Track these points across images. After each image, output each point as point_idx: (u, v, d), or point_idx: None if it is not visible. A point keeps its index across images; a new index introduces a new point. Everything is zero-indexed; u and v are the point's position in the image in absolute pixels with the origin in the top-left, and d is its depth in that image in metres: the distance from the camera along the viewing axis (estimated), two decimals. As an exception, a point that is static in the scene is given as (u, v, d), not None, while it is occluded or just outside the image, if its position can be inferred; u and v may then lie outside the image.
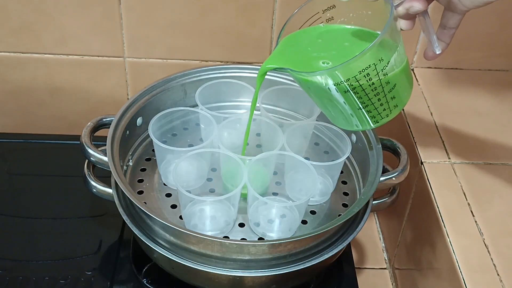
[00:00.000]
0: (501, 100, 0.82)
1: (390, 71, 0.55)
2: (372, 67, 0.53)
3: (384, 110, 0.58)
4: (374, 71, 0.53)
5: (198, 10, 0.82)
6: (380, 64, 0.53)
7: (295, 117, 0.79)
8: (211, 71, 0.77)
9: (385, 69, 0.54)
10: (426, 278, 0.69)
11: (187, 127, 0.76)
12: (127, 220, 0.62)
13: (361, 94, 0.55)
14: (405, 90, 0.58)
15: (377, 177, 0.64)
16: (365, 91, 0.55)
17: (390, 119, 0.59)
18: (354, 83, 0.54)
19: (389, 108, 0.58)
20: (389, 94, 0.56)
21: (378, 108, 0.57)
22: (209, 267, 0.59)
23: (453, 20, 0.59)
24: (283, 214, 0.67)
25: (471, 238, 0.62)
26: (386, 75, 0.54)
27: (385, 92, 0.56)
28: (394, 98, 0.57)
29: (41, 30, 0.83)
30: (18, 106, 0.91)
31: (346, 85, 0.54)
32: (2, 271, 0.68)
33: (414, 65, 0.88)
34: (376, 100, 0.56)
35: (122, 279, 0.69)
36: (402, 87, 0.57)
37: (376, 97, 0.56)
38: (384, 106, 0.57)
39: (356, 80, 0.53)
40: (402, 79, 0.57)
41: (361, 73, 0.53)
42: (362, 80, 0.54)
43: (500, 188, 0.68)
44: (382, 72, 0.54)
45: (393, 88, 0.56)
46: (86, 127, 0.68)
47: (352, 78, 0.53)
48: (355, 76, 0.53)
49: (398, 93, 0.57)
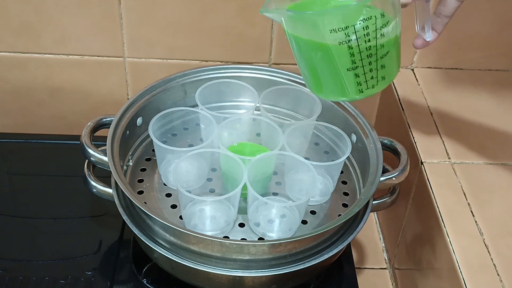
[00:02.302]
0: (501, 100, 0.82)
1: (387, 34, 0.55)
2: (372, 20, 0.53)
3: (372, 78, 0.57)
4: (374, 25, 0.53)
5: (198, 10, 0.82)
6: (380, 20, 0.53)
7: (295, 117, 0.79)
8: (211, 71, 0.77)
9: (383, 28, 0.54)
10: (426, 278, 0.69)
11: (187, 127, 0.76)
12: (127, 220, 0.62)
13: (355, 50, 0.55)
14: (395, 63, 0.59)
15: (377, 177, 0.64)
16: (359, 47, 0.54)
17: (375, 92, 0.58)
18: (352, 33, 0.53)
19: (376, 78, 0.57)
20: (380, 61, 0.56)
21: (366, 74, 0.57)
22: (209, 267, 0.59)
23: (449, 7, 0.59)
24: (283, 214, 0.67)
25: (471, 238, 0.62)
26: (383, 36, 0.55)
27: (377, 56, 0.56)
28: (383, 68, 0.57)
29: (41, 30, 0.83)
30: (18, 106, 0.91)
31: (342, 34, 0.53)
32: (2, 271, 0.68)
33: (414, 65, 0.88)
34: (367, 63, 0.56)
35: (122, 279, 0.69)
36: (393, 59, 0.58)
37: (368, 59, 0.56)
38: (373, 73, 0.57)
39: (355, 30, 0.53)
40: (395, 50, 0.58)
41: (361, 24, 0.53)
42: (360, 33, 0.53)
43: (500, 188, 0.68)
44: (380, 31, 0.54)
45: (386, 55, 0.56)
46: (86, 127, 0.68)
47: (351, 27, 0.53)
48: (354, 25, 0.53)
49: (389, 63, 0.57)
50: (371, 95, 0.58)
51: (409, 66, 0.88)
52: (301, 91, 0.76)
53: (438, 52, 0.87)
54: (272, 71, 0.78)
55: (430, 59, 0.88)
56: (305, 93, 0.76)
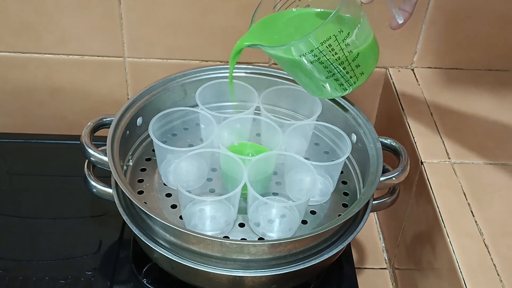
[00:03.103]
0: (501, 100, 0.82)
1: (353, 42, 0.61)
2: (332, 38, 0.59)
3: (351, 77, 0.64)
4: (335, 41, 0.60)
5: (198, 10, 0.82)
6: (340, 35, 0.60)
7: (295, 117, 0.79)
8: (211, 71, 0.77)
9: (346, 39, 0.60)
10: (426, 278, 0.69)
11: (187, 127, 0.76)
12: (127, 220, 0.62)
13: (326, 64, 0.62)
14: (369, 58, 0.64)
15: (377, 177, 0.64)
16: (329, 60, 0.61)
17: (358, 85, 0.65)
18: (318, 53, 0.60)
19: (355, 76, 0.64)
20: (353, 63, 0.62)
21: (344, 76, 0.64)
22: (209, 267, 0.59)
23: None
24: (283, 214, 0.67)
25: (471, 238, 0.62)
26: (348, 45, 0.61)
27: (349, 61, 0.62)
28: (359, 67, 0.63)
29: (41, 30, 0.83)
30: (18, 106, 0.91)
31: (311, 56, 0.61)
32: (2, 271, 0.68)
33: (414, 65, 0.88)
34: (342, 69, 0.63)
35: (122, 279, 0.69)
36: (366, 56, 0.63)
37: (341, 66, 0.62)
38: (350, 74, 0.64)
39: (320, 51, 0.60)
40: (367, 48, 0.63)
41: (323, 44, 0.60)
42: (326, 51, 0.60)
43: (500, 188, 0.68)
44: (343, 43, 0.60)
45: (357, 57, 0.62)
46: (86, 127, 0.68)
47: (315, 49, 0.60)
48: (318, 47, 0.60)
49: (363, 61, 0.63)
50: (357, 88, 0.66)
51: (409, 66, 0.88)
52: (301, 91, 0.76)
53: (438, 52, 0.87)
54: (272, 71, 0.78)
55: (430, 59, 0.88)
56: (305, 93, 0.75)
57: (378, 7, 0.64)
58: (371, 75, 0.66)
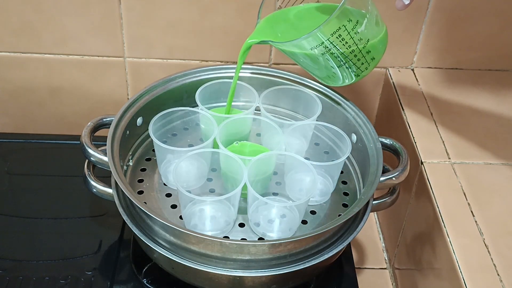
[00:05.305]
0: (501, 100, 0.82)
1: (362, 32, 0.61)
2: (342, 29, 0.60)
3: (362, 64, 0.65)
4: (345, 31, 0.60)
5: (198, 10, 0.82)
6: (350, 24, 0.60)
7: (295, 117, 0.79)
8: (211, 71, 0.77)
9: (356, 28, 0.61)
10: (426, 278, 0.69)
11: (187, 127, 0.76)
12: (127, 220, 0.62)
13: (337, 54, 0.62)
14: (380, 43, 0.65)
15: (377, 177, 0.64)
16: (340, 50, 0.62)
17: (370, 70, 0.66)
18: (329, 45, 0.61)
19: (366, 62, 0.65)
20: (364, 50, 0.63)
21: (356, 63, 0.64)
22: (209, 267, 0.59)
23: None
24: (283, 214, 0.67)
25: (471, 238, 0.62)
26: (357, 33, 0.61)
27: (359, 48, 0.63)
28: (369, 53, 0.64)
29: (41, 30, 0.83)
30: (18, 106, 0.91)
31: (322, 47, 0.61)
32: (2, 271, 0.68)
33: (414, 65, 0.88)
34: (353, 57, 0.63)
35: (122, 279, 0.69)
36: (376, 42, 0.64)
37: (352, 54, 0.63)
38: (362, 60, 0.64)
39: (330, 42, 0.61)
40: (376, 34, 0.64)
41: (333, 35, 0.60)
42: (336, 41, 0.61)
43: (500, 188, 0.68)
44: (353, 32, 0.61)
45: (367, 43, 0.63)
46: (86, 127, 0.68)
47: (326, 41, 0.60)
48: (328, 39, 0.60)
49: (373, 47, 0.64)
50: (368, 73, 0.66)
51: (409, 66, 0.88)
52: (301, 91, 0.76)
53: (438, 52, 0.87)
54: (272, 71, 0.78)
55: (430, 59, 0.88)
56: (305, 93, 0.76)
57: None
58: (379, 62, 0.67)
